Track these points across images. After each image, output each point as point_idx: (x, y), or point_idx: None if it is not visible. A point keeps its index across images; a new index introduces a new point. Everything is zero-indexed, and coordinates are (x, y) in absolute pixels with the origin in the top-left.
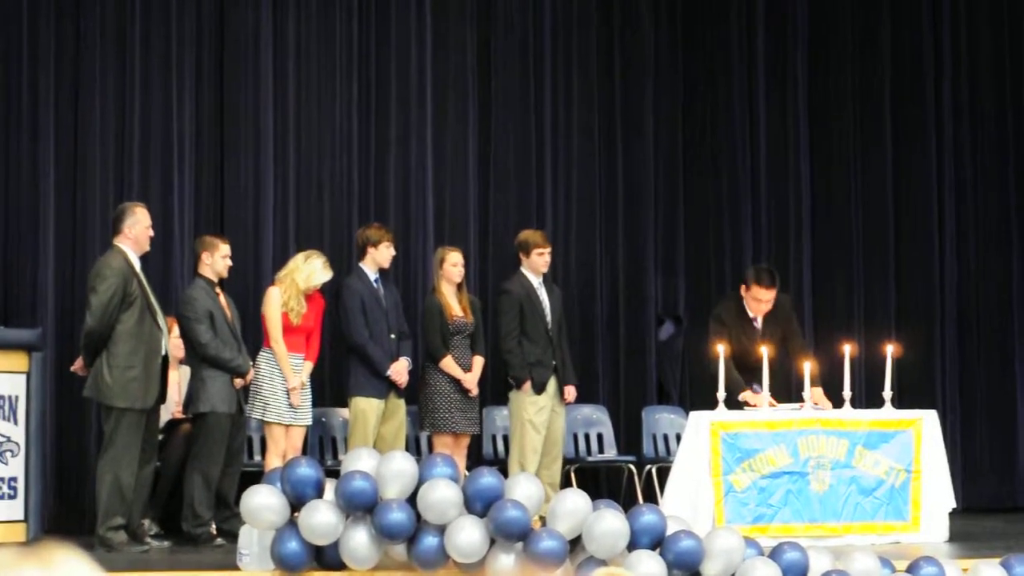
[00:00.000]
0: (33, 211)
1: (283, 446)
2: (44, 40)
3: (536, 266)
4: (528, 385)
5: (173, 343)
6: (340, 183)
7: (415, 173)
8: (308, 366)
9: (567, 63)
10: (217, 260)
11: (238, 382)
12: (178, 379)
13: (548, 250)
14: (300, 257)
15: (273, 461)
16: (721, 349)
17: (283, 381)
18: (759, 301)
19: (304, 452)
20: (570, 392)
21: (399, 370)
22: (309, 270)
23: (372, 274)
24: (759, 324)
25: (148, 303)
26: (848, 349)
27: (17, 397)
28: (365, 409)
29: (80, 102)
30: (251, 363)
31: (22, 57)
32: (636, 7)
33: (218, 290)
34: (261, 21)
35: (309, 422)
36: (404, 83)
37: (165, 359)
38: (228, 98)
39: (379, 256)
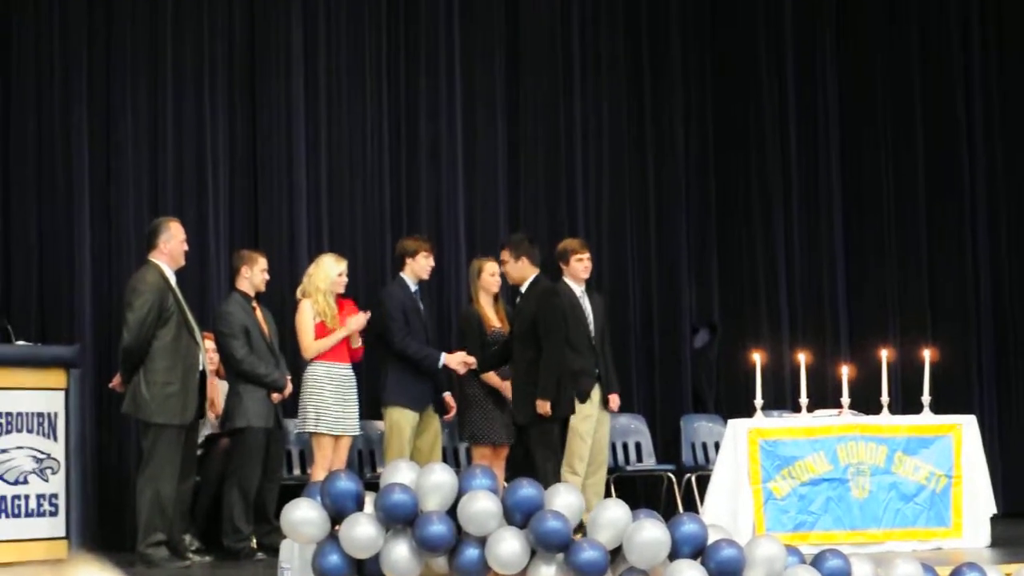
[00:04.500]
0: (68, 227)
1: (330, 458)
2: (75, 58)
3: (577, 272)
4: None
5: (209, 357)
6: (372, 195)
7: (446, 184)
8: (361, 319)
9: (596, 70)
10: (256, 274)
11: (275, 397)
12: (216, 391)
13: (587, 255)
14: (310, 267)
15: (319, 473)
16: (757, 357)
17: (333, 392)
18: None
19: None
20: (614, 400)
21: (458, 361)
22: (323, 270)
23: (412, 285)
24: None
25: (184, 318)
26: (885, 354)
27: (56, 414)
28: (400, 420)
29: (112, 117)
30: (288, 377)
31: (54, 74)
32: (664, 12)
33: (255, 304)
34: (292, 35)
35: (357, 431)
36: (434, 93)
37: (203, 374)
38: (260, 111)
39: (417, 267)
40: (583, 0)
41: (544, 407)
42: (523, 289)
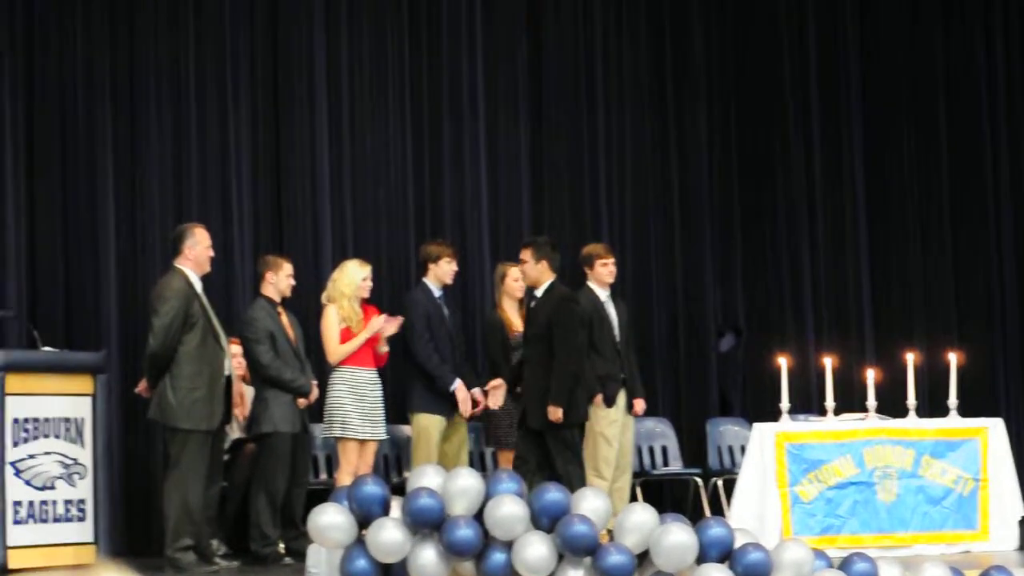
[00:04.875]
0: (93, 234)
1: (355, 463)
2: (99, 65)
3: (601, 277)
4: (599, 398)
5: (235, 362)
6: (396, 200)
7: (470, 188)
8: (381, 320)
9: (618, 74)
10: (281, 279)
11: (301, 402)
12: (243, 393)
13: (612, 260)
14: (335, 273)
15: (345, 478)
16: (783, 361)
17: (359, 397)
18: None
19: None
20: (639, 405)
21: (463, 398)
22: (348, 275)
23: (436, 290)
24: None
25: (210, 324)
26: (911, 358)
27: (83, 419)
28: (427, 426)
29: (136, 124)
30: (315, 383)
31: (77, 82)
32: (686, 14)
33: (280, 309)
34: (314, 41)
35: (384, 436)
36: (456, 99)
37: (228, 379)
38: (283, 117)
39: (440, 272)
40: (605, 4)
41: (556, 413)
42: (538, 293)
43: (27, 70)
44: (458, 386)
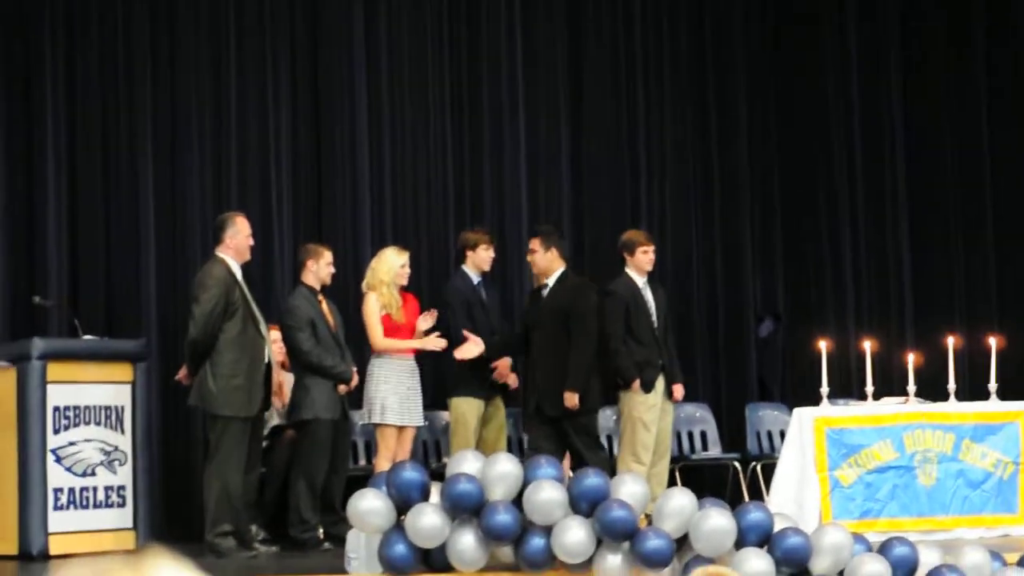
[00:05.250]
0: (133, 222)
1: (394, 449)
2: (140, 52)
3: (641, 264)
4: (637, 384)
5: (275, 348)
6: (436, 187)
7: (509, 174)
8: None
9: (659, 58)
10: (322, 267)
11: (341, 388)
12: (282, 380)
13: (652, 248)
14: (373, 261)
15: (384, 464)
16: (823, 345)
17: (397, 383)
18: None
19: None
20: (678, 391)
21: (505, 365)
22: (386, 263)
23: (475, 277)
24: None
25: (250, 312)
26: (951, 342)
27: (123, 407)
28: (466, 411)
29: (177, 114)
30: (355, 369)
31: (118, 72)
32: (728, 8)
33: (320, 297)
34: (354, 27)
35: (422, 422)
36: (496, 86)
37: (268, 366)
38: (323, 105)
39: (478, 259)
40: None
41: (573, 399)
42: (549, 282)
43: (68, 62)
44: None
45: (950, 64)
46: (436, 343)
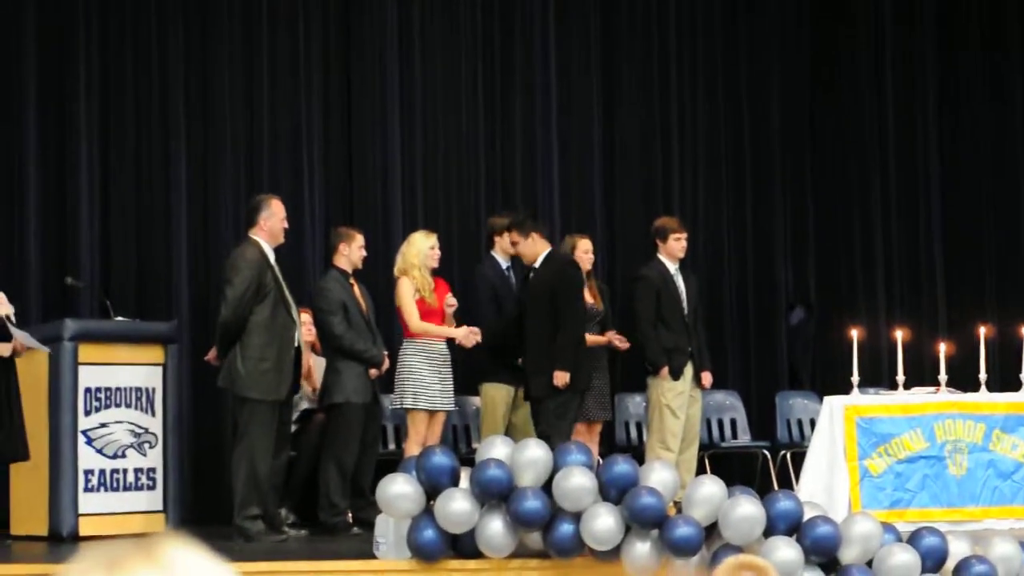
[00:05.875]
0: (165, 205)
1: (424, 434)
2: (173, 35)
3: (673, 251)
4: (665, 371)
5: (304, 330)
6: (467, 172)
7: (541, 160)
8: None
9: (692, 46)
10: (354, 251)
11: (373, 372)
12: (312, 364)
13: (684, 235)
14: (403, 246)
15: (413, 449)
16: (854, 333)
17: (428, 368)
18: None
19: None
20: (707, 378)
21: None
22: (415, 246)
23: (503, 262)
24: None
25: (282, 295)
26: (983, 331)
27: (154, 389)
28: (495, 396)
29: (209, 96)
30: (386, 353)
31: (151, 56)
32: None
33: (352, 281)
34: (386, 15)
35: (452, 407)
36: (528, 70)
37: (298, 350)
38: (355, 89)
39: (506, 244)
40: None
41: (563, 378)
42: (537, 264)
43: (102, 45)
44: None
45: (986, 48)
46: (469, 338)
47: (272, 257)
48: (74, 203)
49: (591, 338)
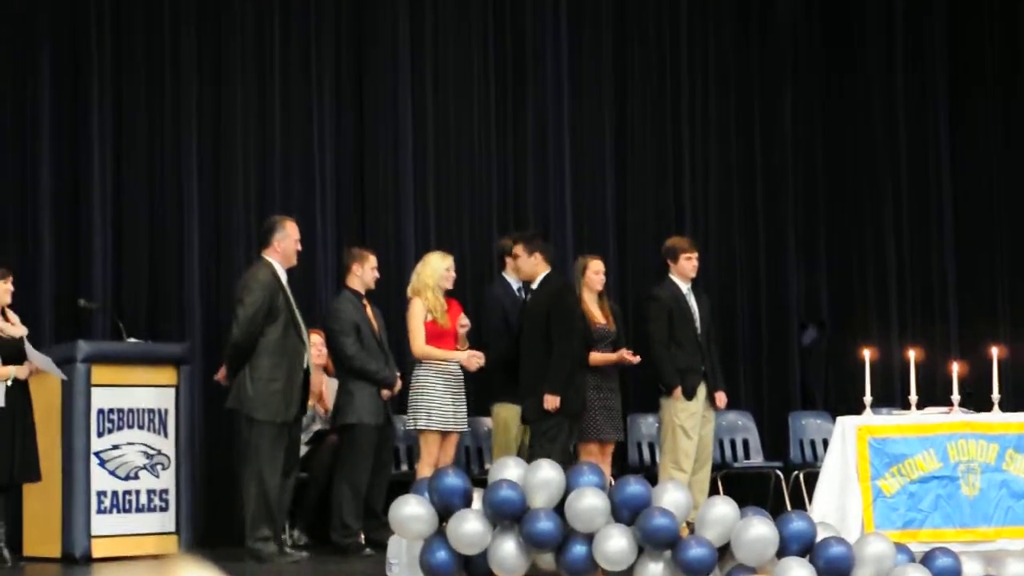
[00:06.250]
0: (177, 226)
1: (436, 455)
2: (186, 56)
3: (685, 271)
4: (679, 391)
5: (315, 351)
6: (479, 192)
7: (553, 180)
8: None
9: (704, 68)
10: (367, 271)
11: (385, 394)
12: (324, 385)
13: (696, 254)
14: (417, 266)
15: (426, 470)
16: (867, 353)
17: (441, 389)
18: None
19: None
20: (721, 398)
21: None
22: (431, 267)
23: (515, 283)
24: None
25: (293, 317)
26: (995, 351)
27: (166, 410)
28: (507, 417)
29: (221, 118)
30: (398, 374)
31: (164, 77)
32: (770, 10)
33: (365, 302)
34: (398, 34)
35: (465, 428)
36: (541, 90)
37: (307, 372)
38: (367, 109)
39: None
40: None
41: (553, 402)
42: (534, 286)
43: (115, 66)
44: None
45: (997, 67)
46: (471, 362)
47: (284, 278)
48: (87, 225)
49: (601, 357)
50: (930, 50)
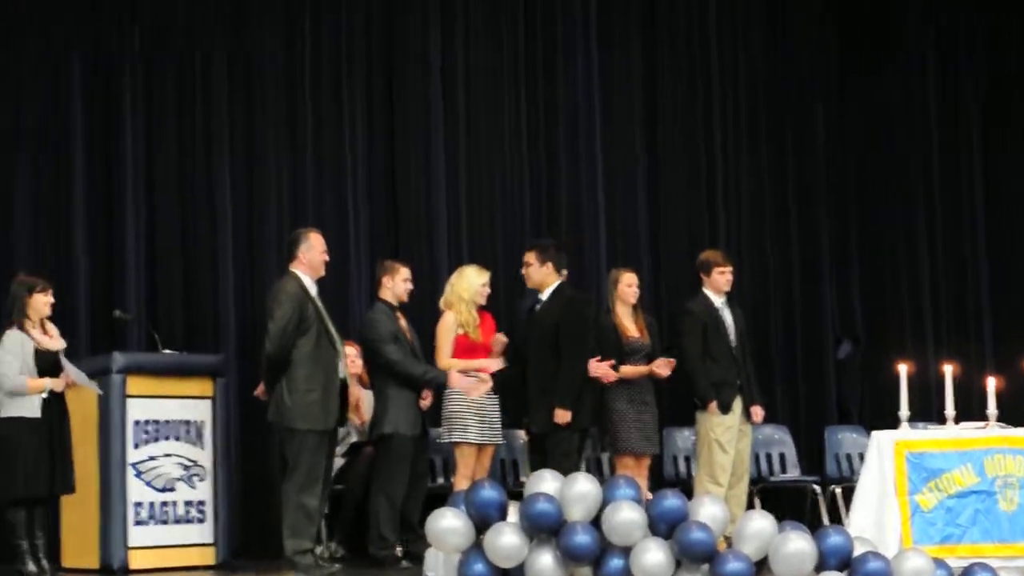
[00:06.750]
0: (211, 238)
1: (473, 467)
2: (217, 70)
3: (718, 285)
4: (714, 405)
5: (348, 362)
6: (512, 204)
7: (586, 193)
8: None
9: (734, 83)
10: (398, 284)
11: (424, 404)
12: (360, 397)
13: (729, 268)
14: (452, 278)
15: (462, 483)
16: (902, 368)
17: (476, 402)
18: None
19: None
20: (757, 412)
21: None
22: (467, 280)
23: (544, 296)
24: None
25: (324, 327)
26: None
27: (203, 422)
28: None
29: (254, 132)
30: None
31: (195, 90)
32: (801, 17)
33: (399, 313)
34: (430, 47)
35: (501, 440)
36: (572, 103)
37: (343, 382)
38: (399, 123)
39: None
40: (720, 6)
41: (564, 416)
42: (543, 296)
43: (148, 79)
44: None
45: None
46: (491, 365)
47: (314, 290)
48: (121, 236)
49: (633, 370)
50: (964, 67)
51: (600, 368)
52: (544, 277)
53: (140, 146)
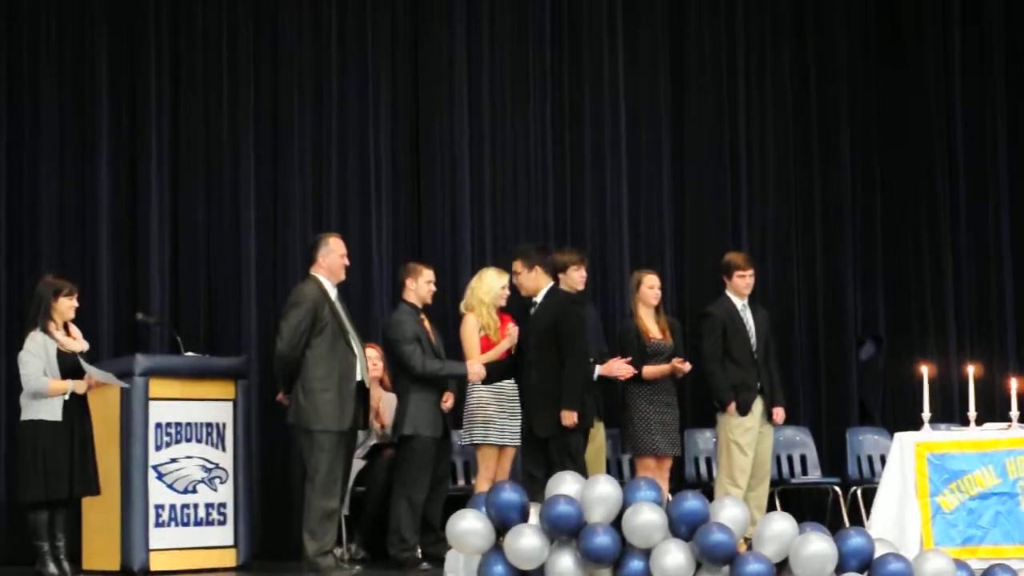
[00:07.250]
0: (235, 242)
1: (494, 469)
2: (243, 75)
3: (739, 288)
4: (733, 407)
5: (370, 364)
6: (536, 208)
7: (610, 196)
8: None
9: (760, 83)
10: (421, 286)
11: (446, 405)
12: (381, 400)
13: (750, 272)
14: (472, 281)
15: (483, 484)
16: (925, 369)
17: (497, 404)
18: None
19: None
20: (779, 414)
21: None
22: (487, 283)
23: None
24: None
25: (342, 328)
26: None
27: (224, 424)
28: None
29: (278, 136)
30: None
31: (222, 93)
32: (830, 23)
33: (422, 315)
34: (455, 53)
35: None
36: (597, 107)
37: (362, 384)
38: (423, 124)
39: (570, 280)
40: (747, 7)
41: (571, 418)
42: (537, 300)
43: (173, 84)
44: (599, 369)
45: None
46: (507, 342)
47: (333, 293)
48: (144, 239)
49: (654, 370)
50: (989, 70)
51: (611, 368)
52: (535, 282)
53: (164, 148)
